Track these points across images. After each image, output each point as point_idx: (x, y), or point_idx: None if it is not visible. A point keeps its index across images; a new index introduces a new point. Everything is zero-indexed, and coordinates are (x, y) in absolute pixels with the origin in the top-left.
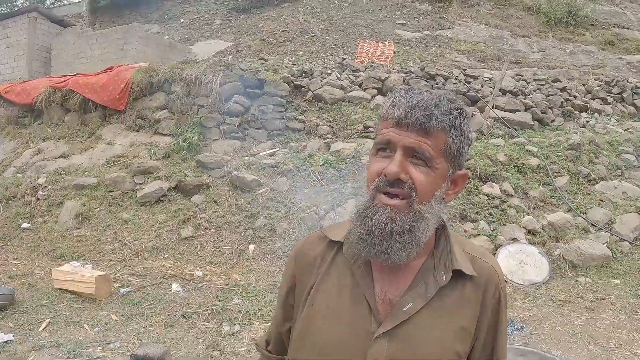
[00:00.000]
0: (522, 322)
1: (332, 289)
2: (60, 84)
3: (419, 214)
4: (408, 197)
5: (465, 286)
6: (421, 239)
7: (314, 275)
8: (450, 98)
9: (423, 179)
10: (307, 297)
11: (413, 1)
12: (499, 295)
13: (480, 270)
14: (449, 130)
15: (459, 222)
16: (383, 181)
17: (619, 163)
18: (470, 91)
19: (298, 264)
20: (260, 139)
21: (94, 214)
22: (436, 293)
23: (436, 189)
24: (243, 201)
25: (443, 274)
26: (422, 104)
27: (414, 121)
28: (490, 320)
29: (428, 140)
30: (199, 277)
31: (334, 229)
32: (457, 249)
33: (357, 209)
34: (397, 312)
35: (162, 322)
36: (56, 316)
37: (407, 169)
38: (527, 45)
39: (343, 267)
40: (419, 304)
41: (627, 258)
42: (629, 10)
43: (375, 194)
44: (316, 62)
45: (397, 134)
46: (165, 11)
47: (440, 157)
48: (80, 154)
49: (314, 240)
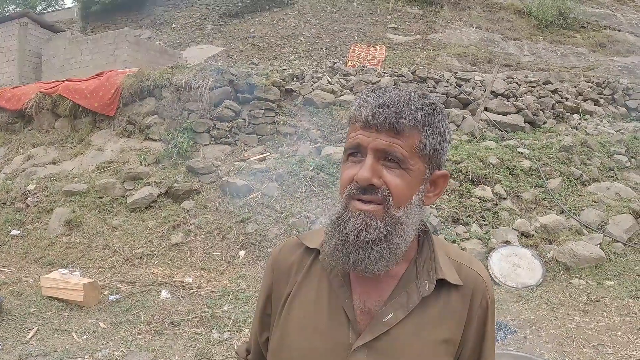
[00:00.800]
0: (516, 326)
1: (309, 299)
2: (51, 90)
3: (396, 220)
4: (383, 203)
5: (450, 295)
6: (400, 247)
7: (290, 284)
8: (422, 94)
9: (398, 182)
10: (283, 307)
11: (404, 5)
12: (486, 304)
13: (466, 278)
14: (421, 128)
15: (451, 226)
16: (355, 188)
17: (611, 164)
18: (461, 94)
19: (275, 272)
20: (250, 143)
21: (84, 220)
22: (419, 303)
23: (414, 192)
24: (233, 206)
25: (426, 283)
26: (389, 102)
27: (382, 121)
28: (477, 330)
29: (399, 140)
30: (189, 284)
31: (311, 236)
32: (441, 256)
33: (331, 219)
34: (377, 324)
35: (150, 329)
36: (44, 324)
37: (379, 173)
38: (518, 47)
39: (320, 275)
40: (400, 315)
41: (620, 259)
42: (619, 13)
43: (348, 201)
44: (307, 66)
45: (366, 137)
46: (157, 16)
47: (414, 157)
48: (71, 160)
49: (290, 247)
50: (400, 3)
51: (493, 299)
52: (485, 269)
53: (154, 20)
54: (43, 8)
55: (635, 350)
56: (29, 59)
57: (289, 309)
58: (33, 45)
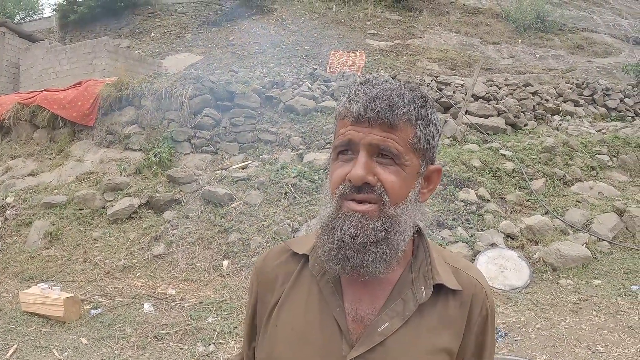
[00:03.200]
0: (506, 329)
1: (297, 309)
2: (29, 100)
3: (394, 218)
4: (379, 201)
5: (447, 302)
6: (400, 246)
7: (277, 293)
8: (412, 86)
9: (394, 179)
10: (269, 317)
11: (383, 11)
12: (486, 313)
13: (465, 284)
14: (415, 122)
15: (436, 230)
16: (349, 187)
17: (593, 164)
18: (442, 98)
19: (260, 281)
20: (231, 152)
21: (64, 233)
22: (416, 311)
23: (410, 188)
24: (215, 216)
25: (423, 289)
26: (382, 95)
27: (375, 115)
28: (477, 340)
29: (393, 134)
30: (172, 296)
31: (298, 242)
32: (437, 259)
33: (323, 222)
34: (372, 334)
35: (134, 344)
36: (24, 341)
37: (374, 170)
38: (497, 51)
39: (309, 283)
40: (397, 324)
41: (606, 258)
42: (596, 15)
43: (341, 202)
44: (287, 73)
45: (357, 132)
46: (136, 25)
47: (409, 152)
48: (50, 172)
49: (276, 254)
50: (379, 9)
51: (493, 307)
52: (484, 277)
53: (133, 29)
54: (21, 17)
55: (627, 348)
56: (7, 69)
57: (277, 319)
58: (11, 55)
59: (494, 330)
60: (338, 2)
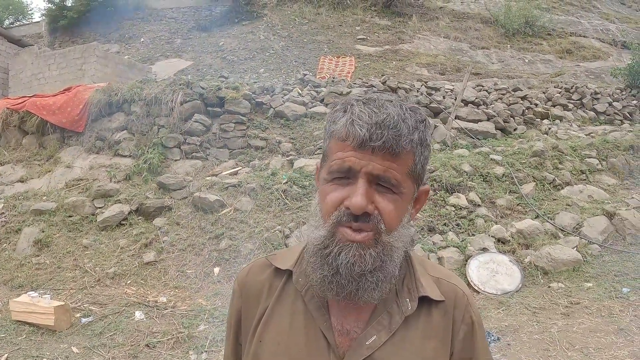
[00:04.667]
0: (499, 333)
1: (283, 324)
2: (18, 106)
3: (389, 246)
4: (374, 229)
5: (431, 313)
6: (394, 272)
7: (261, 308)
8: (412, 107)
9: (391, 208)
10: (253, 333)
11: (373, 16)
12: (470, 319)
13: (447, 293)
14: (416, 149)
15: (427, 235)
16: (346, 214)
17: (582, 167)
18: (432, 103)
19: (244, 296)
20: (222, 158)
21: (53, 240)
22: (402, 323)
23: (404, 214)
24: (206, 222)
25: (408, 301)
26: (389, 121)
27: (382, 144)
28: (465, 348)
29: (395, 164)
30: (163, 303)
31: (280, 256)
32: (420, 271)
33: (315, 246)
34: (360, 347)
35: (125, 353)
36: (15, 351)
37: (372, 199)
38: (486, 56)
39: (294, 298)
40: (384, 337)
41: (597, 261)
42: (584, 19)
43: (336, 229)
44: (277, 78)
45: (359, 159)
46: (125, 30)
47: (407, 180)
48: (39, 178)
49: (258, 268)
50: (369, 14)
51: (478, 314)
52: (465, 284)
53: (123, 34)
54: (10, 22)
55: (620, 350)
56: None
57: (262, 334)
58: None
59: (484, 338)
60: (327, 8)
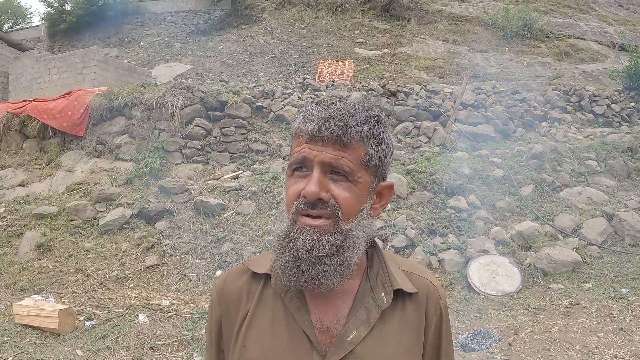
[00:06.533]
0: (500, 334)
1: (265, 327)
2: (18, 110)
3: (347, 233)
4: (332, 217)
5: (405, 305)
6: (352, 259)
7: (242, 313)
8: (366, 106)
9: (346, 195)
10: (236, 339)
11: (371, 20)
12: (440, 311)
13: (419, 286)
14: (367, 140)
15: (428, 237)
16: (303, 203)
17: (581, 169)
18: (431, 106)
19: (223, 303)
20: (223, 162)
21: (55, 244)
22: (379, 317)
23: (362, 204)
24: (208, 226)
25: (383, 295)
26: (336, 114)
27: (329, 134)
28: (435, 338)
29: (346, 153)
30: (166, 307)
31: (257, 261)
32: (392, 267)
33: (279, 236)
34: (342, 343)
35: (130, 355)
36: (19, 354)
37: (327, 187)
38: (484, 59)
39: (273, 300)
40: (363, 332)
41: (596, 262)
42: (582, 22)
43: (296, 217)
44: (277, 82)
45: (312, 150)
46: (125, 34)
47: (361, 169)
48: (40, 182)
49: (235, 275)
50: (368, 18)
51: (446, 305)
52: (436, 277)
53: (122, 38)
54: (10, 26)
55: (619, 349)
56: None
57: (244, 339)
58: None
59: (449, 327)
60: (326, 12)
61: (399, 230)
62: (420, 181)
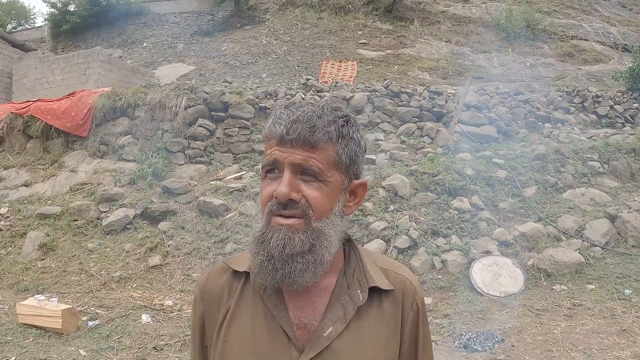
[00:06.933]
0: (502, 335)
1: (245, 324)
2: (22, 110)
3: (318, 231)
4: (304, 216)
5: (382, 302)
6: (325, 257)
7: (223, 310)
8: (334, 107)
9: (317, 195)
10: (218, 335)
11: (374, 21)
12: (417, 307)
13: (395, 283)
14: (336, 140)
15: (431, 238)
16: (276, 204)
17: (584, 170)
18: (434, 107)
19: (205, 301)
20: (226, 162)
21: (59, 244)
22: (355, 313)
23: (333, 203)
24: (211, 226)
25: (359, 292)
26: (303, 117)
27: (297, 136)
28: (412, 333)
29: (314, 154)
30: (170, 307)
31: (238, 260)
32: (369, 264)
33: (254, 236)
34: (319, 339)
35: (133, 355)
36: (22, 353)
37: (298, 187)
38: (487, 60)
39: (253, 298)
40: (340, 328)
41: (599, 263)
42: (585, 23)
43: (270, 217)
44: (280, 83)
45: (282, 152)
46: (128, 35)
47: (331, 169)
48: (43, 182)
49: (217, 273)
50: (371, 19)
51: (423, 301)
52: (413, 274)
53: (125, 39)
54: (13, 27)
55: (622, 351)
56: None
57: (226, 335)
58: (3, 65)
59: (426, 322)
60: (329, 12)
61: (402, 231)
62: (424, 182)
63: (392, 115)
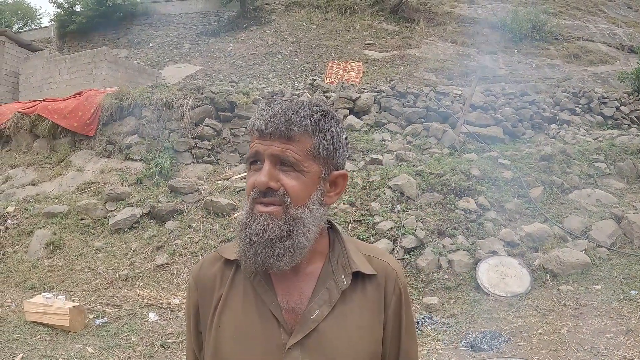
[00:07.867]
0: (509, 334)
1: (237, 309)
2: (29, 110)
3: (296, 218)
4: (283, 203)
5: (365, 286)
6: (302, 242)
7: (216, 297)
8: (313, 103)
9: (294, 184)
10: (212, 321)
11: (380, 22)
12: (399, 291)
13: (378, 269)
14: (312, 133)
15: (437, 238)
16: (257, 192)
17: (590, 171)
18: (441, 108)
19: (199, 288)
20: (232, 162)
21: (66, 242)
22: (340, 297)
23: (311, 191)
24: (218, 226)
25: (343, 277)
26: (280, 112)
27: (274, 129)
28: (395, 316)
29: (291, 145)
30: (177, 305)
31: (229, 248)
32: (352, 250)
33: (239, 224)
34: (306, 321)
35: (140, 353)
36: (30, 350)
37: (277, 177)
38: (493, 61)
39: (244, 284)
40: (325, 311)
41: (605, 264)
42: (591, 24)
43: (252, 206)
44: (286, 84)
45: (262, 145)
46: (134, 35)
47: (308, 160)
48: (50, 181)
49: (210, 262)
50: (377, 20)
51: (405, 286)
52: (395, 260)
53: (131, 39)
54: (19, 27)
55: (629, 351)
56: (6, 78)
57: (219, 321)
58: (10, 64)
59: (409, 306)
60: (335, 13)
61: (409, 231)
62: (430, 182)
63: (399, 116)
